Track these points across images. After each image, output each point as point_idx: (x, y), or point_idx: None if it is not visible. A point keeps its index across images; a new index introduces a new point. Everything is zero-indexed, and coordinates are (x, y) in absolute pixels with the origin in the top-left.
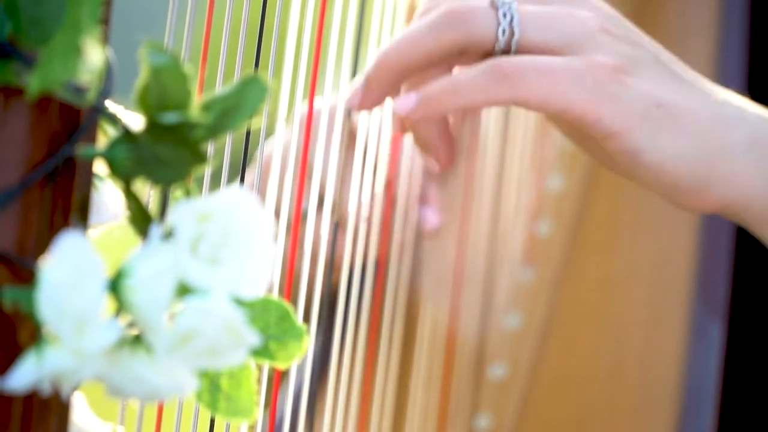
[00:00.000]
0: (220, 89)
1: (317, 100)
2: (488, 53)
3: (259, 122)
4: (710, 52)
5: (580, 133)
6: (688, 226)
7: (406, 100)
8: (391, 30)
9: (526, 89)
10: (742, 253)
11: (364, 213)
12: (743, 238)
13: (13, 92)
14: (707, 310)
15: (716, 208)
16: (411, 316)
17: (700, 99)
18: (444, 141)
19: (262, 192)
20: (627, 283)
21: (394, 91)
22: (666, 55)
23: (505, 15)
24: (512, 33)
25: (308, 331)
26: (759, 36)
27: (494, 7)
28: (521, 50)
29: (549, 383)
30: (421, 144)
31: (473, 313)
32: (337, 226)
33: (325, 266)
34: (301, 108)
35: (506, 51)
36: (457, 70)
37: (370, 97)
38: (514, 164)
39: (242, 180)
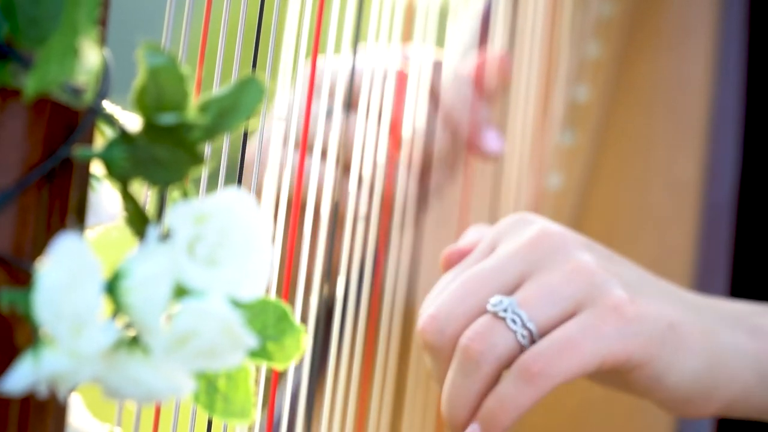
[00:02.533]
0: (217, 90)
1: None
2: (519, 354)
3: (256, 123)
4: (709, 52)
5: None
6: (687, 222)
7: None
8: (389, 31)
9: (561, 372)
10: (741, 250)
11: (363, 210)
12: (742, 235)
13: (10, 93)
14: None
15: (716, 412)
16: (409, 314)
17: (688, 310)
18: None
19: (259, 193)
20: None
21: None
22: (638, 266)
23: (514, 320)
24: (529, 330)
25: (306, 331)
26: (758, 35)
27: (500, 318)
28: (542, 333)
29: None
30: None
31: None
32: (335, 224)
33: (323, 265)
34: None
35: (532, 342)
36: None
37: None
38: (514, 161)
39: (240, 181)
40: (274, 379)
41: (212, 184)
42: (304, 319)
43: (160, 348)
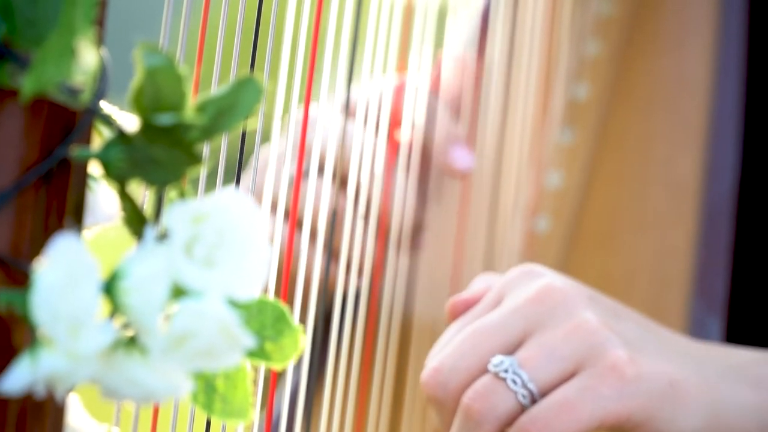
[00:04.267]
0: (215, 90)
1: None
2: (519, 414)
3: (254, 123)
4: (709, 51)
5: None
6: (687, 222)
7: None
8: (388, 29)
9: None
10: (741, 248)
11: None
12: (742, 234)
13: (8, 93)
14: (706, 306)
15: None
16: (408, 315)
17: (689, 364)
18: None
19: (257, 193)
20: (626, 279)
21: None
22: (642, 318)
23: (515, 381)
24: (529, 390)
25: (304, 331)
26: (758, 35)
27: (501, 378)
28: (543, 393)
29: None
30: None
31: None
32: (334, 223)
33: (322, 265)
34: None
35: (533, 402)
36: None
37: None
38: (513, 160)
39: (237, 181)
40: (273, 380)
41: (210, 185)
42: (302, 319)
43: (157, 348)
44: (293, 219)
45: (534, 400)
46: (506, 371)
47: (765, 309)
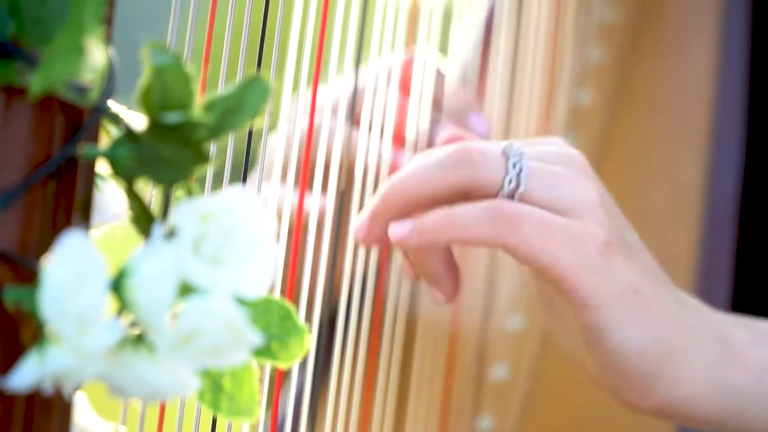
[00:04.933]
0: (222, 89)
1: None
2: (489, 197)
3: (261, 122)
4: (711, 56)
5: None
6: (689, 226)
7: (401, 228)
8: (393, 30)
9: (519, 236)
10: (744, 253)
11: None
12: (745, 238)
13: (16, 92)
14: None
15: (656, 408)
16: (412, 316)
17: (668, 295)
18: (449, 273)
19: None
20: None
21: None
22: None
23: (514, 165)
24: (518, 185)
25: (310, 330)
26: (760, 39)
27: (506, 155)
28: (523, 200)
29: (550, 384)
30: (425, 275)
31: (475, 313)
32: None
33: (328, 265)
34: (302, 106)
35: (510, 197)
36: None
37: (375, 229)
38: None
39: (244, 180)
40: (279, 379)
41: (217, 183)
42: (308, 318)
43: (165, 346)
44: (299, 218)
45: (511, 196)
46: (514, 155)
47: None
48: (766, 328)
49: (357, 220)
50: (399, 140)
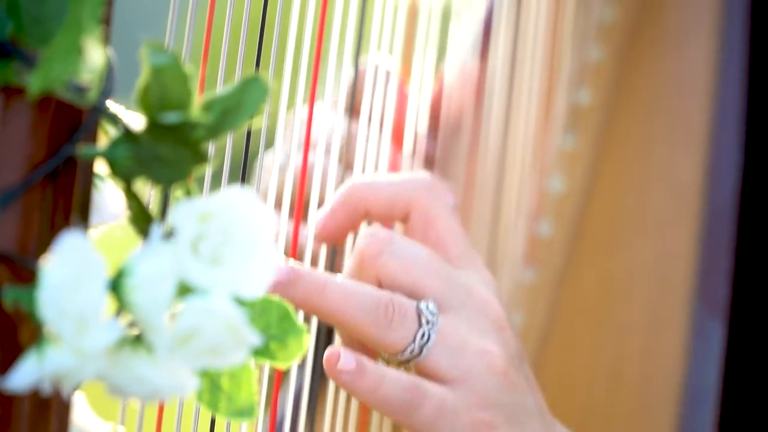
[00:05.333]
0: (220, 89)
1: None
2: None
3: (259, 122)
4: (710, 55)
5: None
6: (688, 225)
7: (345, 362)
8: (392, 30)
9: (408, 418)
10: (743, 252)
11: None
12: (744, 237)
13: (14, 92)
14: (708, 309)
15: None
16: None
17: None
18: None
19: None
20: (627, 283)
21: None
22: (541, 405)
23: (423, 335)
24: (419, 353)
25: (309, 330)
26: (759, 38)
27: (419, 322)
28: (417, 367)
29: (549, 383)
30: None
31: None
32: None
33: (326, 264)
34: (300, 118)
35: (405, 361)
36: None
37: (331, 226)
38: (515, 165)
39: (243, 180)
40: (277, 379)
41: (216, 183)
42: (307, 318)
43: (163, 346)
44: (298, 217)
45: (409, 360)
46: (427, 322)
47: (767, 312)
48: None
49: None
50: (397, 140)
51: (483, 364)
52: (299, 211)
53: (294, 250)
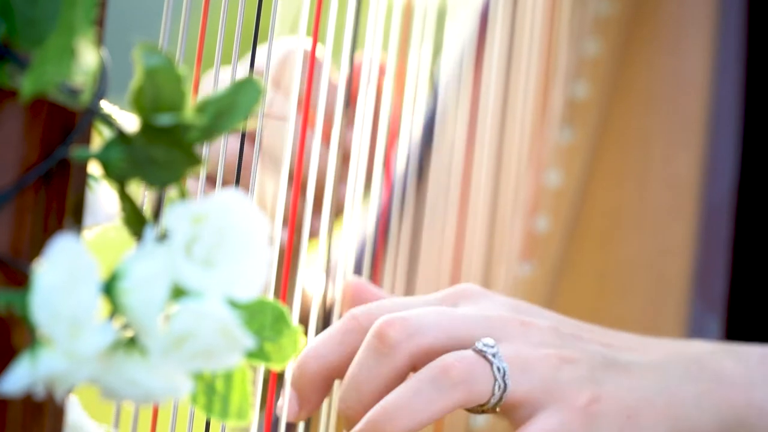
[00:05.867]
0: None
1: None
2: (481, 405)
3: (253, 124)
4: (708, 49)
5: None
6: (686, 220)
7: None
8: (386, 33)
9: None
10: (741, 248)
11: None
12: (742, 233)
13: (7, 94)
14: (705, 304)
15: None
16: None
17: (652, 378)
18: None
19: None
20: (625, 278)
21: None
22: (602, 332)
23: (499, 369)
24: (505, 387)
25: (303, 332)
26: (757, 32)
27: (488, 360)
28: (508, 400)
29: None
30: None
31: None
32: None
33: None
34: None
35: (499, 401)
36: None
37: None
38: (512, 159)
39: (237, 182)
40: (272, 380)
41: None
42: (302, 320)
43: (157, 349)
44: (292, 222)
45: (500, 399)
46: (494, 356)
47: (764, 308)
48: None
49: None
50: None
51: (549, 363)
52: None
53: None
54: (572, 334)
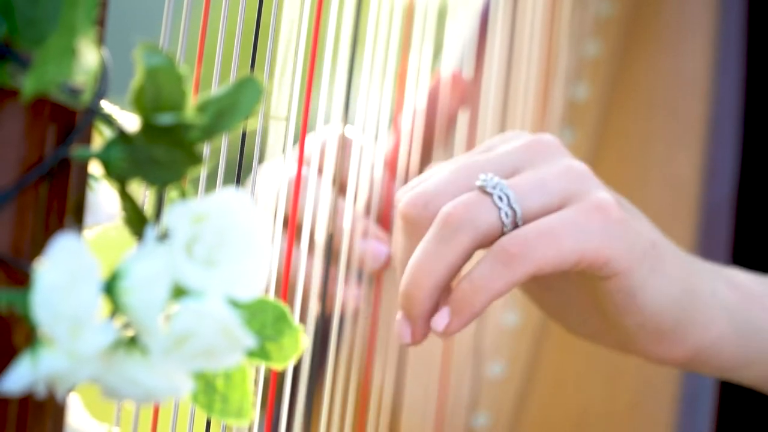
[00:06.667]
0: (215, 90)
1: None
2: (498, 237)
3: (254, 123)
4: (708, 50)
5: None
6: (686, 221)
7: (441, 318)
8: (388, 31)
9: (538, 259)
10: (741, 249)
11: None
12: (742, 234)
13: (9, 93)
14: None
15: (688, 357)
16: None
17: (674, 246)
18: (428, 319)
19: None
20: None
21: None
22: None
23: (501, 198)
24: (514, 212)
25: (305, 331)
26: (757, 33)
27: (487, 193)
28: (526, 220)
29: (547, 381)
30: (408, 315)
31: None
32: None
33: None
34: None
35: (515, 226)
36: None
37: (420, 329)
38: None
39: (238, 181)
40: (273, 380)
41: (210, 184)
42: (302, 319)
43: (158, 348)
44: (293, 222)
45: (516, 225)
46: (494, 188)
47: None
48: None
49: (396, 326)
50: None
51: (569, 177)
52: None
53: (289, 255)
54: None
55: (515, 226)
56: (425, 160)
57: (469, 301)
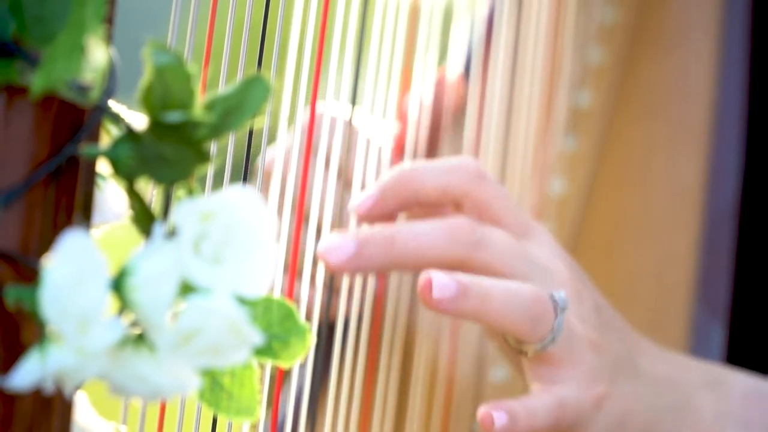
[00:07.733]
0: (223, 89)
1: (319, 106)
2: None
3: (261, 122)
4: (712, 57)
5: None
6: (689, 228)
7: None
8: (394, 30)
9: (485, 314)
10: (744, 255)
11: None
12: (745, 240)
13: (17, 91)
14: (708, 312)
15: None
16: (413, 316)
17: (648, 396)
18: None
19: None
20: (628, 285)
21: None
22: (629, 342)
23: (559, 325)
24: (553, 341)
25: (311, 330)
26: (760, 40)
27: (555, 313)
28: (540, 356)
29: None
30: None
31: None
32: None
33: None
34: (302, 114)
35: (540, 350)
36: None
37: (378, 209)
38: (516, 167)
39: (245, 179)
40: (279, 378)
41: (218, 182)
42: (308, 317)
43: (165, 345)
44: (299, 217)
45: (543, 348)
46: (562, 311)
47: (767, 315)
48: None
49: (360, 196)
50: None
51: (584, 342)
52: (299, 219)
53: (295, 252)
54: (607, 322)
55: (542, 349)
56: (430, 154)
57: (387, 243)
